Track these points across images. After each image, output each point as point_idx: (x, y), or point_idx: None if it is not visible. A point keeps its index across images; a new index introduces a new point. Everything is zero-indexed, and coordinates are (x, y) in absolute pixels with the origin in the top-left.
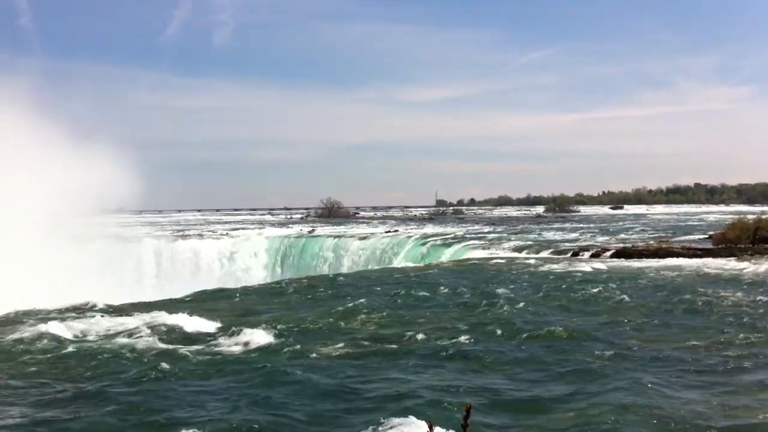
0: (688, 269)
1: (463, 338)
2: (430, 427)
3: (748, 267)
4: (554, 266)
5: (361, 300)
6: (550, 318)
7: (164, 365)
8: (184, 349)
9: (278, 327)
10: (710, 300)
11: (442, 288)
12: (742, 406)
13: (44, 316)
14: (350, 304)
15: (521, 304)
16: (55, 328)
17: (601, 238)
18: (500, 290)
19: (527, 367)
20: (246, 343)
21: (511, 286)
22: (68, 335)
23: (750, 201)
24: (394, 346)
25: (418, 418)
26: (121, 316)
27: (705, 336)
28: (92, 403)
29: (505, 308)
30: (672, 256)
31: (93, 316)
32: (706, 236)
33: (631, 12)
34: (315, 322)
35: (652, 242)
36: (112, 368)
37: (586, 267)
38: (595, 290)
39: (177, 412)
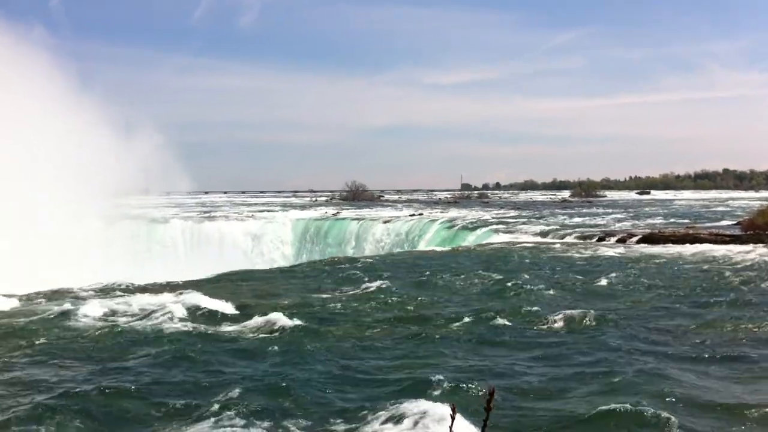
0: (715, 255)
1: (486, 322)
2: (453, 410)
3: None
4: (579, 251)
5: (385, 283)
6: (574, 303)
7: (190, 345)
8: (209, 329)
9: (302, 308)
10: (737, 286)
11: (465, 272)
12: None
13: (75, 294)
14: (374, 287)
15: (545, 289)
16: (85, 307)
17: (627, 224)
18: (524, 275)
19: (550, 351)
20: (270, 324)
21: (535, 271)
22: (97, 314)
23: None
24: (417, 329)
25: (441, 401)
26: (149, 295)
27: (733, 322)
28: (118, 381)
29: (528, 293)
30: (699, 242)
31: (122, 296)
32: (734, 222)
33: None
34: (338, 305)
35: (679, 228)
36: (138, 347)
37: (612, 252)
38: (620, 276)
39: (200, 391)
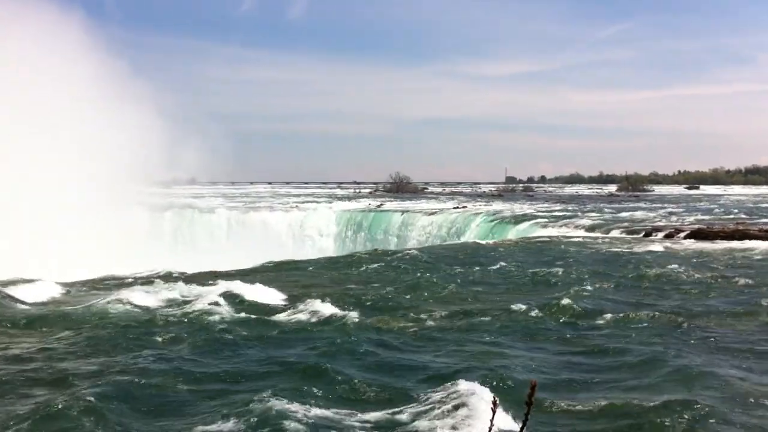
0: (766, 252)
1: (528, 316)
2: (495, 404)
3: None
4: (625, 246)
5: (427, 275)
6: (619, 299)
7: (235, 333)
8: (255, 318)
9: (344, 299)
10: None
11: (509, 265)
12: None
13: (120, 283)
14: (416, 279)
15: (589, 284)
16: (130, 295)
17: (675, 219)
18: (568, 269)
19: (595, 345)
20: (312, 315)
21: (580, 266)
22: (142, 302)
23: None
24: (458, 321)
25: (483, 393)
26: (194, 284)
27: None
28: (162, 369)
29: (573, 288)
30: (750, 239)
31: (166, 284)
32: None
33: None
34: (380, 296)
35: (728, 224)
36: (183, 335)
37: (659, 248)
38: (667, 272)
39: (247, 379)
